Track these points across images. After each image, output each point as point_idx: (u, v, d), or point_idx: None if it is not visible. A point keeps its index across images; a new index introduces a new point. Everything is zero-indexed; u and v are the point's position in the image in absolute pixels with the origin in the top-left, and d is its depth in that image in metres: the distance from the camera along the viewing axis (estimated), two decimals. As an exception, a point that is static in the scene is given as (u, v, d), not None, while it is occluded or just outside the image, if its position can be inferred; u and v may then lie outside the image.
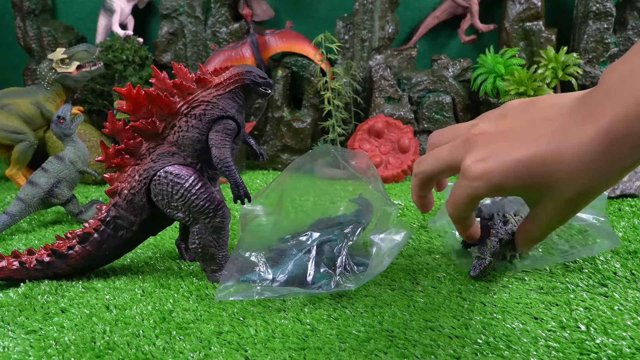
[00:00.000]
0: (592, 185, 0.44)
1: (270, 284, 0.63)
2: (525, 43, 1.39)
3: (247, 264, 0.66)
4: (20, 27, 1.63)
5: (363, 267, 0.65)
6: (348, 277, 0.63)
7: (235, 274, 0.64)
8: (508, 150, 0.47)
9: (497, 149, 0.48)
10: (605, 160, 0.43)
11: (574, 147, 0.44)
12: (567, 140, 0.44)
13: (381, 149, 1.32)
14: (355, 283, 0.62)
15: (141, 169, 0.68)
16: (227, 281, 0.63)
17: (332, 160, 0.74)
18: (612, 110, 0.41)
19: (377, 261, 0.63)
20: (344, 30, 1.46)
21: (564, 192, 0.46)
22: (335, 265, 0.64)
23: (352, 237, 0.67)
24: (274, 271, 0.64)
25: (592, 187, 0.45)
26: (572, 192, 0.45)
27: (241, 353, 0.53)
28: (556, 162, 0.45)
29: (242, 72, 0.68)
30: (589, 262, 0.71)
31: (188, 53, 1.55)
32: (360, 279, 0.62)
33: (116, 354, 0.53)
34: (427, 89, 1.39)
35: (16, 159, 1.25)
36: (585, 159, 0.43)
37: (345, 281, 0.62)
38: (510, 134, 0.49)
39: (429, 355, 0.51)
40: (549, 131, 0.46)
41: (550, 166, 0.45)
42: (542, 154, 0.45)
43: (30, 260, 0.70)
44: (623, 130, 0.41)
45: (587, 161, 0.43)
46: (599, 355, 0.50)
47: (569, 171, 0.44)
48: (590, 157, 0.43)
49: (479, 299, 0.63)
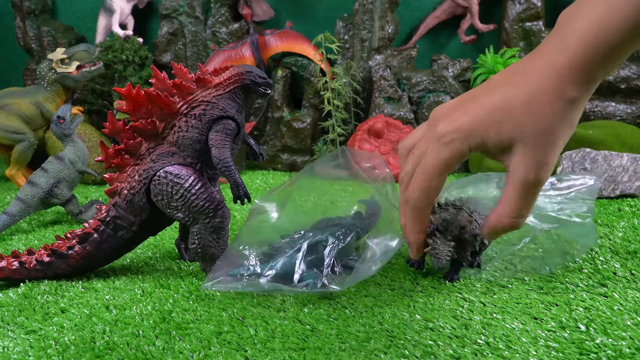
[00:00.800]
0: (552, 124, 0.47)
1: (258, 278, 0.64)
2: (525, 43, 1.39)
3: (239, 257, 0.66)
4: (20, 27, 1.63)
5: (351, 270, 0.65)
6: (334, 279, 0.63)
7: (226, 267, 0.64)
8: (472, 106, 0.50)
9: (461, 110, 0.51)
10: (555, 93, 0.46)
11: (530, 87, 0.47)
12: (524, 81, 0.48)
13: (381, 149, 1.32)
14: (341, 285, 0.62)
15: (141, 169, 0.68)
16: (216, 272, 0.63)
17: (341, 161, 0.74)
18: (556, 47, 0.46)
19: (366, 266, 0.63)
20: (344, 30, 1.46)
21: (529, 136, 0.48)
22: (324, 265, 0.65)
23: (344, 240, 0.67)
24: (263, 267, 0.65)
25: (552, 125, 0.47)
26: (536, 132, 0.48)
27: (241, 353, 0.53)
28: (517, 102, 0.48)
29: (242, 72, 0.68)
30: (589, 262, 0.71)
31: (188, 53, 1.55)
32: (345, 282, 0.62)
33: (116, 354, 0.53)
34: (427, 89, 1.39)
35: (16, 159, 1.25)
36: (539, 95, 0.47)
37: (330, 282, 0.62)
38: (470, 99, 0.52)
39: (429, 355, 0.51)
40: (506, 81, 0.50)
41: (513, 108, 0.48)
42: (504, 98, 0.49)
43: (30, 260, 0.70)
44: (566, 64, 0.45)
45: (541, 96, 0.47)
46: (598, 355, 0.50)
47: (530, 112, 0.47)
48: (543, 91, 0.47)
49: (479, 299, 0.63)
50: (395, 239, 0.67)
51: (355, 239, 0.69)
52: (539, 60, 0.48)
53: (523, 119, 0.48)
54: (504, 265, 0.72)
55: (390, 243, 0.66)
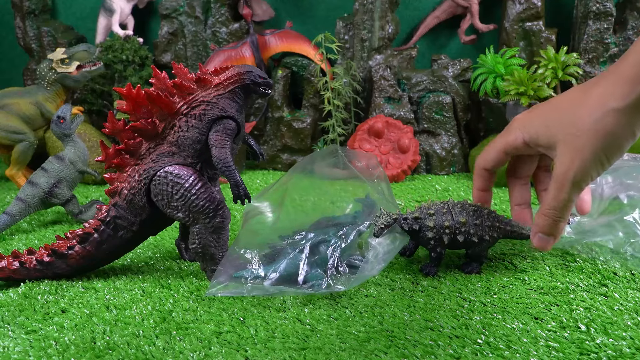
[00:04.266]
0: (589, 128, 0.54)
1: (262, 281, 0.63)
2: (525, 43, 1.39)
3: (241, 260, 0.66)
4: (20, 27, 1.63)
5: (355, 269, 0.65)
6: (339, 279, 0.63)
7: (229, 270, 0.64)
8: (539, 106, 0.62)
9: (531, 109, 0.62)
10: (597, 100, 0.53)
11: (578, 93, 0.56)
12: (580, 88, 0.56)
13: (381, 149, 1.32)
14: (346, 285, 0.62)
15: (141, 169, 0.68)
16: (219, 277, 0.63)
17: (336, 161, 0.74)
18: (604, 74, 0.55)
19: (370, 265, 0.63)
20: (344, 30, 1.46)
21: (569, 133, 0.55)
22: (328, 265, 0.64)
23: (347, 238, 0.67)
24: (266, 269, 0.64)
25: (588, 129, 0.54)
26: (575, 132, 0.54)
27: (241, 353, 0.53)
28: (565, 102, 0.57)
29: (242, 72, 0.68)
30: (589, 262, 0.71)
31: (188, 53, 1.55)
32: (351, 281, 0.62)
33: (116, 354, 0.53)
34: (427, 89, 1.39)
35: (16, 159, 1.25)
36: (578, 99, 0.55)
37: (335, 282, 0.62)
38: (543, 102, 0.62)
39: (429, 355, 0.51)
40: (568, 94, 0.58)
41: (559, 107, 0.57)
42: (558, 99, 0.59)
43: (30, 260, 0.70)
44: (611, 79, 0.53)
45: (581, 100, 0.55)
46: (599, 355, 0.50)
47: (571, 112, 0.55)
48: (582, 97, 0.55)
49: (479, 299, 0.63)
50: (397, 238, 0.67)
51: (358, 238, 0.69)
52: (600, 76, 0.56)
53: (564, 118, 0.56)
54: (504, 264, 0.72)
55: (392, 242, 0.66)
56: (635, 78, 0.51)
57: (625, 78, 0.51)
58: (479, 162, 0.69)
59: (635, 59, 0.51)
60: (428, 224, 0.67)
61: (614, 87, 0.52)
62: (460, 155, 1.37)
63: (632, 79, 0.51)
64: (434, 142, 1.37)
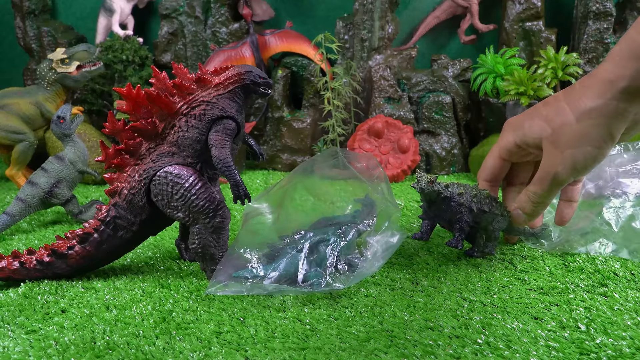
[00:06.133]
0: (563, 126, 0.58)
1: (262, 281, 0.64)
2: (525, 43, 1.39)
3: (241, 260, 0.66)
4: (20, 27, 1.63)
5: (354, 267, 0.65)
6: (338, 277, 0.63)
7: (229, 270, 0.64)
8: (529, 110, 0.65)
9: (523, 112, 0.66)
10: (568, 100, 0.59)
11: (568, 103, 0.59)
12: (566, 95, 0.60)
13: (381, 149, 1.32)
14: (345, 283, 0.62)
15: (141, 169, 0.68)
16: (219, 276, 0.63)
17: (337, 162, 0.74)
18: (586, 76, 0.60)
19: (369, 263, 0.63)
20: (344, 30, 1.46)
21: (552, 132, 0.60)
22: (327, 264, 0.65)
23: (345, 237, 0.67)
24: (266, 268, 0.65)
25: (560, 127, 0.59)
26: (555, 130, 0.59)
27: (241, 353, 0.53)
28: (542, 102, 0.62)
29: (242, 72, 0.68)
30: (589, 262, 0.71)
31: (188, 53, 1.55)
32: (350, 279, 0.62)
33: (116, 354, 0.53)
34: (427, 89, 1.39)
35: (16, 159, 1.25)
36: (554, 100, 0.61)
37: (334, 280, 0.62)
38: None
39: (429, 355, 0.51)
40: (555, 96, 0.62)
41: (549, 110, 0.61)
42: (546, 102, 0.62)
43: (30, 260, 0.70)
44: (584, 81, 0.58)
45: (556, 100, 0.61)
46: (599, 355, 0.50)
47: (549, 111, 0.60)
48: (556, 98, 0.61)
49: (479, 299, 0.63)
50: (396, 235, 0.67)
51: (357, 237, 0.69)
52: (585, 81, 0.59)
53: (549, 118, 0.59)
54: (504, 264, 0.73)
55: (391, 239, 0.67)
56: (610, 78, 0.55)
57: (602, 80, 0.55)
58: (480, 175, 0.73)
59: (612, 64, 0.56)
60: (459, 191, 0.71)
61: (591, 88, 0.56)
62: (460, 155, 1.37)
63: (607, 80, 0.55)
64: (433, 142, 1.37)
